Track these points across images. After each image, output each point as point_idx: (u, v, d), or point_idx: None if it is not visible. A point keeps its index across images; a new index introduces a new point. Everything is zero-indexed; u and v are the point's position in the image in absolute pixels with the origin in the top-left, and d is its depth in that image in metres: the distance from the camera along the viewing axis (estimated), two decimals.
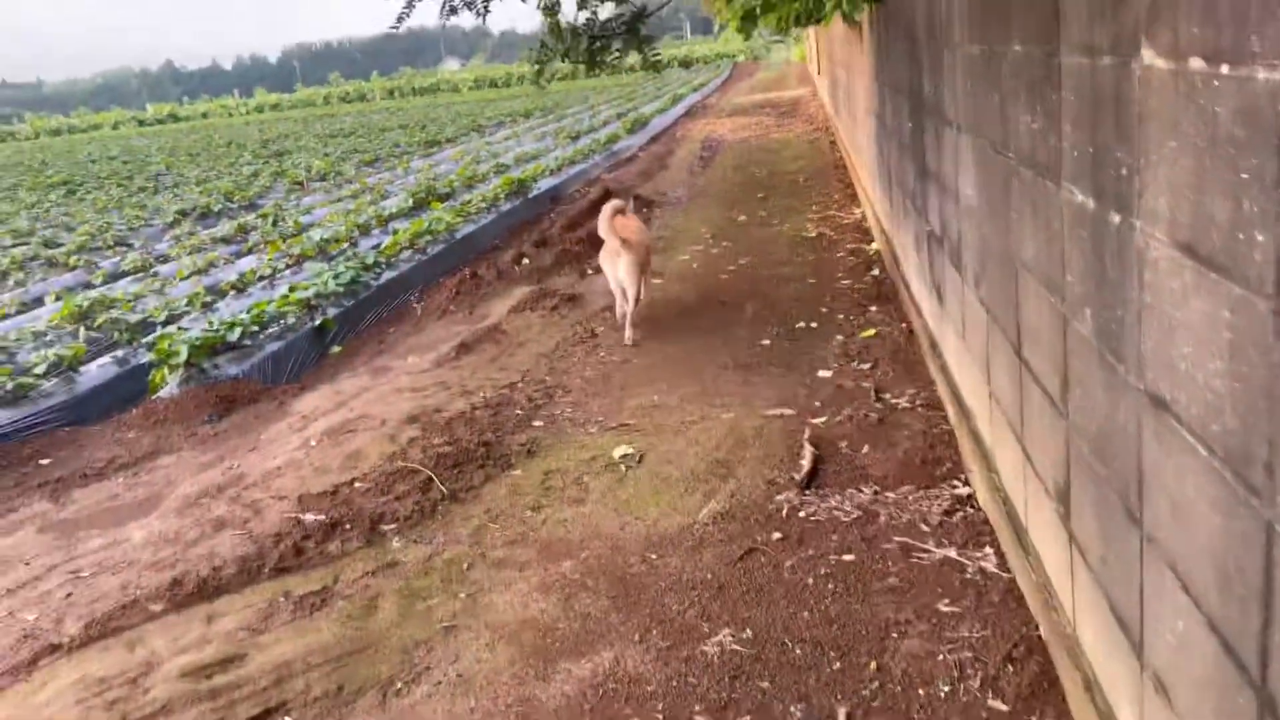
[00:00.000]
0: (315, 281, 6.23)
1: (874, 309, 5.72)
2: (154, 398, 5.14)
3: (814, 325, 5.59)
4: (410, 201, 10.35)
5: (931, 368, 4.41)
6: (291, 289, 6.19)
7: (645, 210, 10.40)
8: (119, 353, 5.85)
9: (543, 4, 5.99)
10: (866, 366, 4.77)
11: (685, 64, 56.65)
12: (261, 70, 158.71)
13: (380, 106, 48.88)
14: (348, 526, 3.47)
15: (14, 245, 11.84)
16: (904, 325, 5.27)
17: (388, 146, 20.84)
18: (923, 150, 4.34)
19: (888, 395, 4.36)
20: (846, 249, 7.43)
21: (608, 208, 5.69)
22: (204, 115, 59.33)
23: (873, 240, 7.42)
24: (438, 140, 21.55)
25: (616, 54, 6.39)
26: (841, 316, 5.70)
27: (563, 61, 6.11)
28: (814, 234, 8.13)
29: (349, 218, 9.33)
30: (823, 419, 4.18)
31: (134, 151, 29.63)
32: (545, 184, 11.81)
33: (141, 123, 58.54)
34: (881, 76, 6.44)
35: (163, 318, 6.19)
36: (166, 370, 5.05)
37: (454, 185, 11.50)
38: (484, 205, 9.76)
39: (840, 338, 5.29)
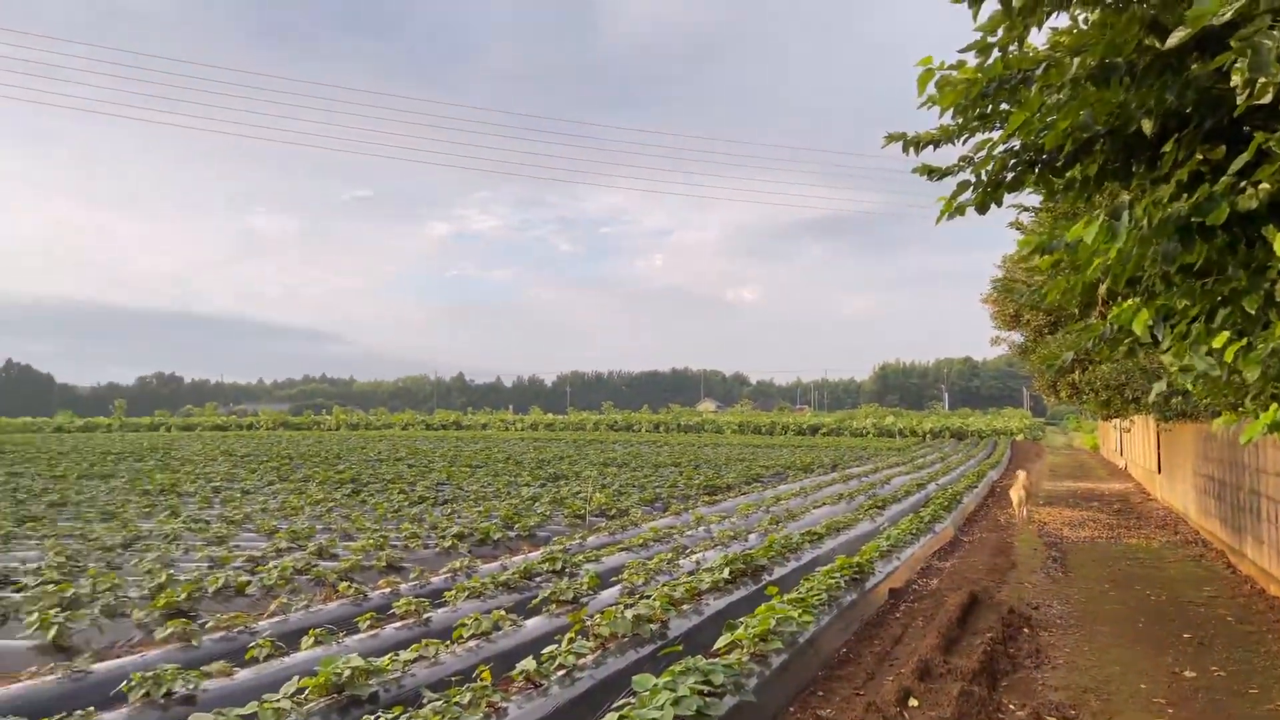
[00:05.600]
0: (654, 715, 4.28)
1: None
2: None
3: None
4: (726, 572, 8.52)
5: None
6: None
7: (1027, 630, 7.99)
8: None
9: None
10: None
11: (958, 435, 54.61)
12: (537, 390, 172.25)
13: (646, 438, 49.75)
14: None
15: (289, 548, 11.08)
16: None
17: (666, 485, 19.74)
18: None
19: None
20: None
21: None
22: (483, 426, 63.23)
23: None
24: (717, 485, 20.29)
25: None
26: None
27: None
28: None
29: (660, 591, 7.57)
30: None
31: (418, 455, 30.72)
32: (879, 568, 9.71)
33: (429, 426, 63.20)
34: None
35: None
36: None
37: (770, 556, 9.65)
38: (824, 596, 7.73)
39: None
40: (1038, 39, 5.57)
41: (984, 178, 6.34)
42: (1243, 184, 4.88)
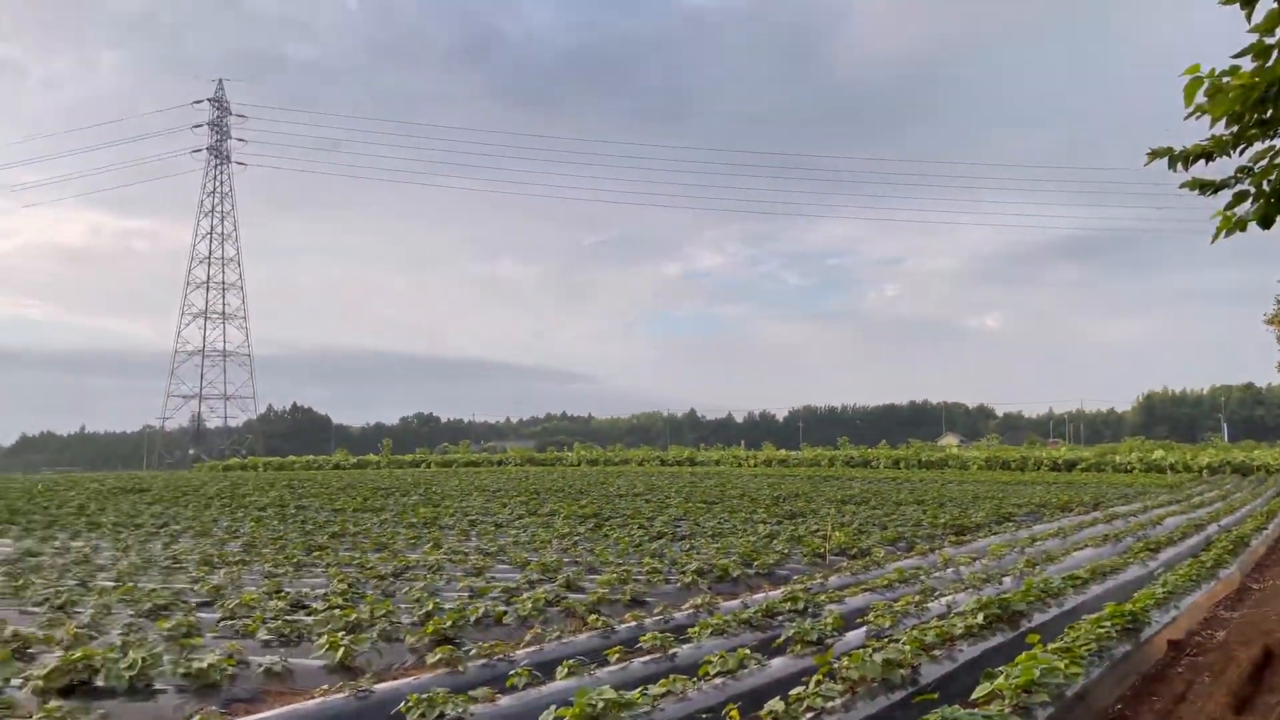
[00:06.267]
0: None
1: None
2: None
3: None
4: (980, 616, 8.10)
5: None
6: None
7: None
8: None
9: None
10: None
11: (1242, 470, 49.11)
12: (768, 426, 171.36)
13: (885, 475, 48.24)
14: None
15: (539, 580, 11.61)
16: None
17: (909, 525, 19.03)
18: None
19: None
20: None
21: None
22: (716, 462, 63.66)
23: None
24: (964, 525, 19.33)
25: None
26: None
27: None
28: None
29: (909, 635, 7.31)
30: None
31: (655, 490, 31.38)
32: (1155, 617, 8.88)
33: (663, 462, 64.43)
34: None
35: None
36: None
37: (1029, 601, 9.07)
38: (1092, 645, 7.16)
39: None
40: None
41: (1266, 188, 5.77)
42: None
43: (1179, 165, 5.80)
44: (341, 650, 7.42)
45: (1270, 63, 4.82)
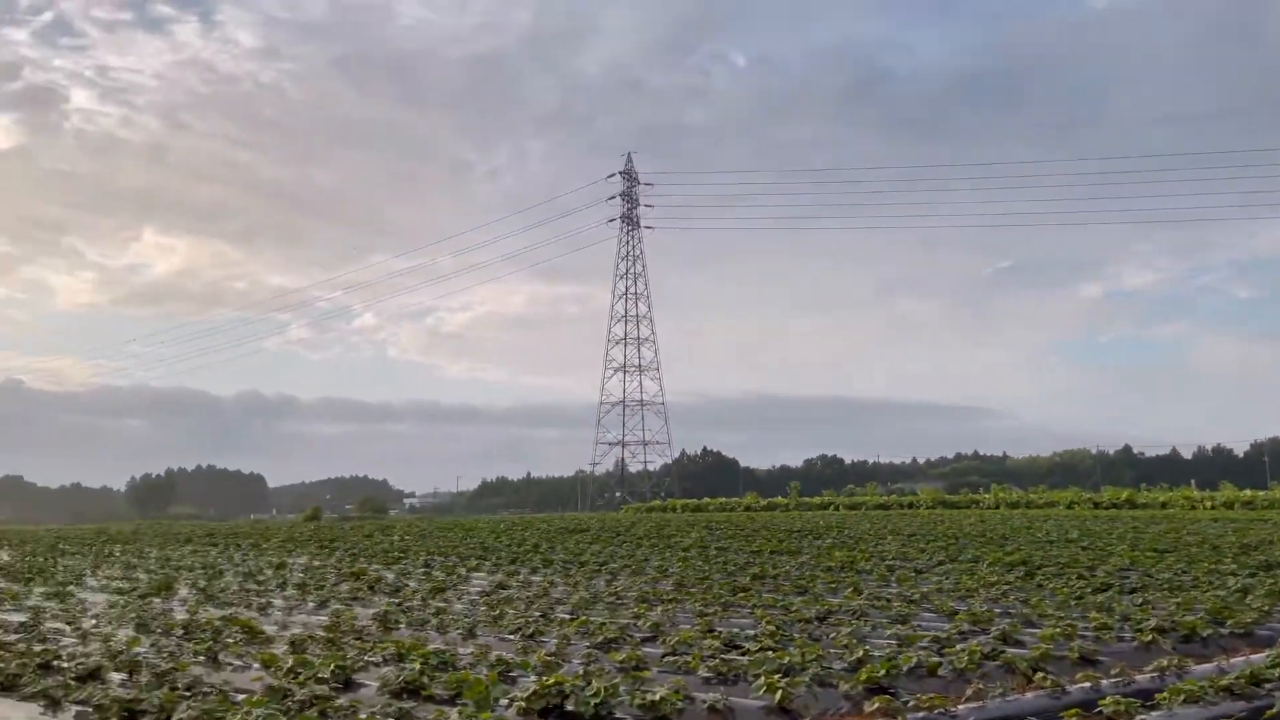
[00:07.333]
0: None
1: None
2: None
3: None
4: None
5: None
6: None
7: None
8: None
9: None
10: None
11: None
12: (1224, 462, 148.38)
13: None
14: None
15: (970, 631, 11.03)
16: None
17: None
18: None
19: None
20: None
21: None
22: (1162, 504, 56.54)
23: None
24: None
25: None
26: None
27: None
28: None
29: None
30: None
31: (1092, 536, 28.54)
32: None
33: (1096, 505, 58.56)
34: None
35: None
36: None
37: None
38: None
39: None
40: None
41: None
42: None
43: None
44: (780, 692, 7.57)
45: None
